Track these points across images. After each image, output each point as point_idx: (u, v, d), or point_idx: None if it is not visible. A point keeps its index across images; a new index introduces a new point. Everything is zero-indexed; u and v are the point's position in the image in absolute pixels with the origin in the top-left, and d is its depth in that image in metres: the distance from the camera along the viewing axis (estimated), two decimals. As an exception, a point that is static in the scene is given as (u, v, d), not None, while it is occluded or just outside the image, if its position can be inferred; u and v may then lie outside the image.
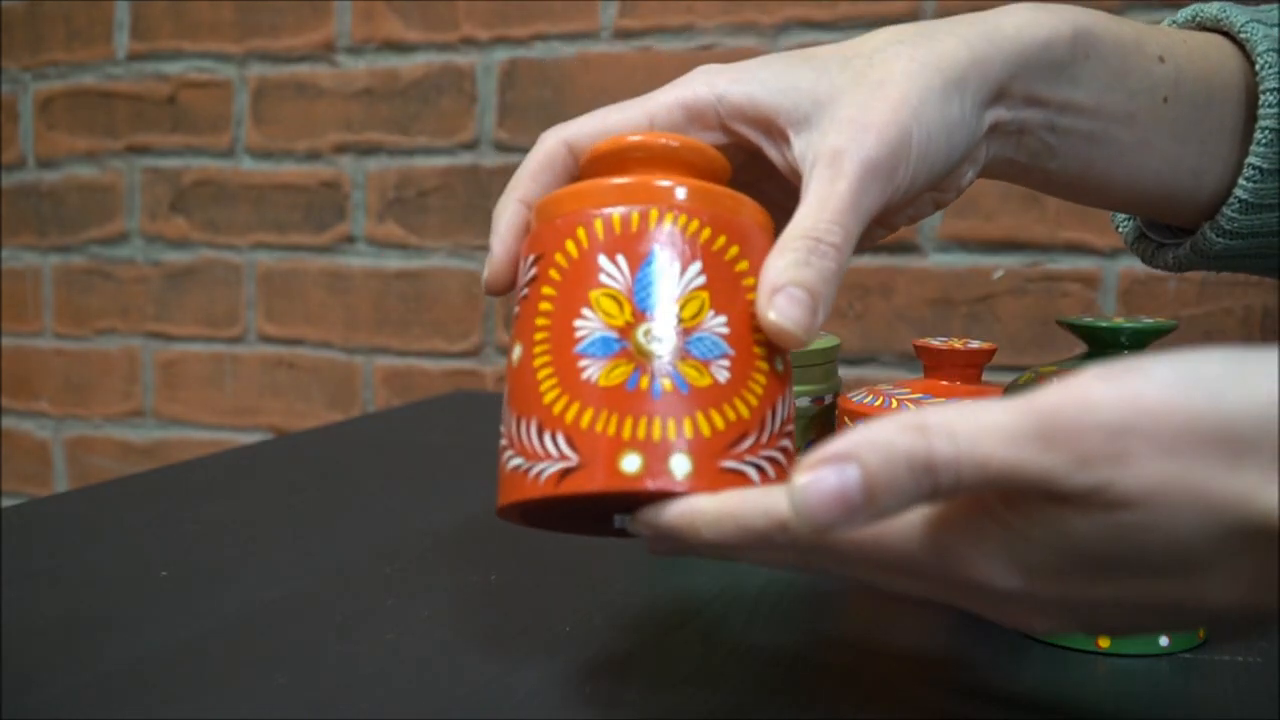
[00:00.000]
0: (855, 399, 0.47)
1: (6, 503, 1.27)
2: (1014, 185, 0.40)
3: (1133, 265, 0.88)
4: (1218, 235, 0.40)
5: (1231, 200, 0.39)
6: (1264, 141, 0.38)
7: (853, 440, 0.23)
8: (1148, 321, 0.41)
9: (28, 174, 1.25)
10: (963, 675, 0.37)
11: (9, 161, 1.25)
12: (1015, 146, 0.37)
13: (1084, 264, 0.89)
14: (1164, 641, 0.38)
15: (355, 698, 0.34)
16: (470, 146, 1.07)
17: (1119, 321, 0.41)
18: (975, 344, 0.46)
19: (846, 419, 0.47)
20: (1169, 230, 0.45)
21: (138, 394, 1.22)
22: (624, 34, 1.00)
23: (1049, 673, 0.37)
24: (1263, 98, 0.38)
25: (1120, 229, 0.47)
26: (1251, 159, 0.39)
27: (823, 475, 0.23)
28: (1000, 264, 0.91)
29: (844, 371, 0.92)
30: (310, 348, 1.15)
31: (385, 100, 1.09)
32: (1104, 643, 0.38)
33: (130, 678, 0.36)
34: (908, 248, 0.94)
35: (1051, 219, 0.89)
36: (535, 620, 0.41)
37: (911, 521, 0.25)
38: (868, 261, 0.95)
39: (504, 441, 0.31)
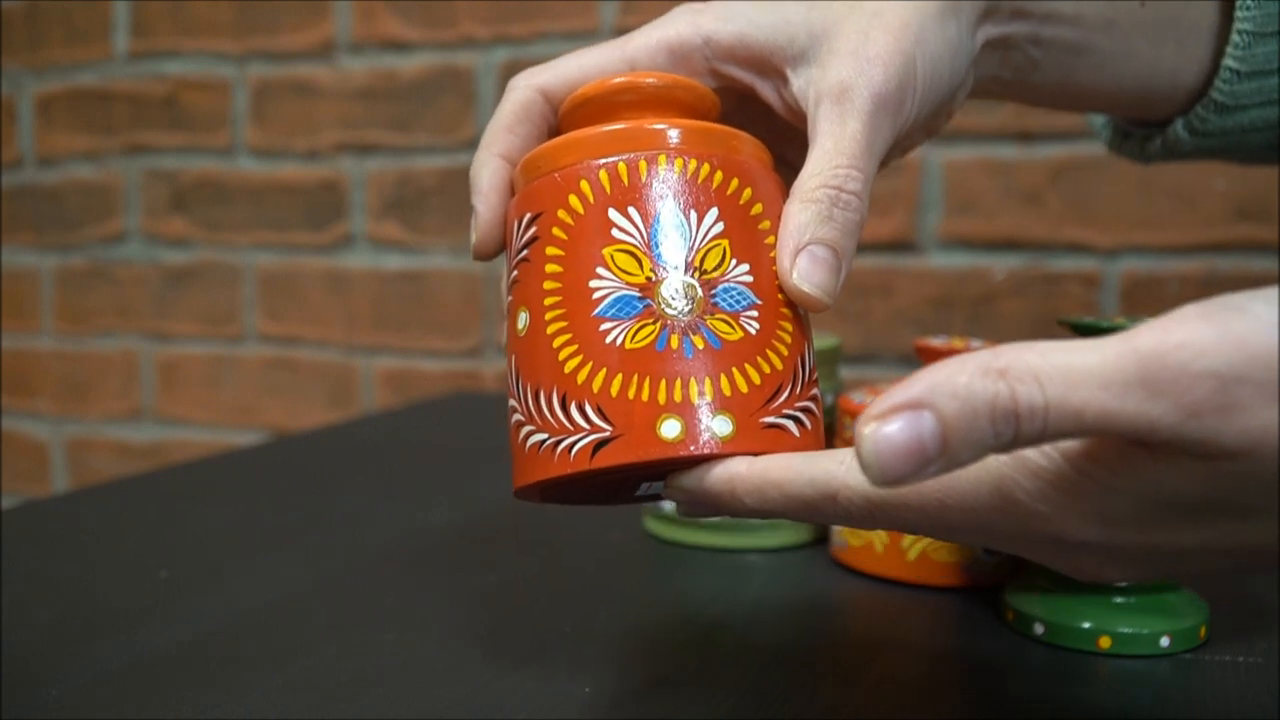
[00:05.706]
0: (855, 399, 0.47)
1: (6, 503, 1.27)
2: (1014, 184, 0.40)
3: (1133, 265, 0.88)
4: (1189, 134, 0.40)
5: (1206, 101, 0.39)
6: (1240, 45, 0.38)
7: (926, 385, 0.21)
8: (1149, 321, 0.41)
9: (27, 174, 1.24)
10: (963, 675, 0.37)
11: (8, 161, 1.25)
12: (1000, 63, 0.36)
13: (1084, 264, 0.89)
14: (1164, 642, 0.38)
15: (354, 698, 0.34)
16: (470, 146, 1.06)
17: (1119, 321, 0.41)
18: (976, 344, 0.46)
19: (847, 419, 0.47)
20: (1138, 122, 0.44)
21: (137, 394, 1.22)
22: (624, 33, 1.00)
23: (1049, 673, 0.37)
24: (1239, 0, 0.38)
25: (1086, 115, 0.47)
26: (1228, 61, 0.38)
27: (895, 424, 0.21)
28: (1001, 264, 0.91)
29: (844, 371, 0.92)
30: (309, 348, 1.15)
31: (385, 100, 1.09)
32: (1104, 643, 0.38)
33: (130, 678, 0.36)
34: (908, 248, 0.94)
35: (1052, 219, 0.89)
36: (535, 620, 0.41)
37: (978, 478, 0.24)
38: (868, 262, 0.95)
39: (519, 417, 0.29)
